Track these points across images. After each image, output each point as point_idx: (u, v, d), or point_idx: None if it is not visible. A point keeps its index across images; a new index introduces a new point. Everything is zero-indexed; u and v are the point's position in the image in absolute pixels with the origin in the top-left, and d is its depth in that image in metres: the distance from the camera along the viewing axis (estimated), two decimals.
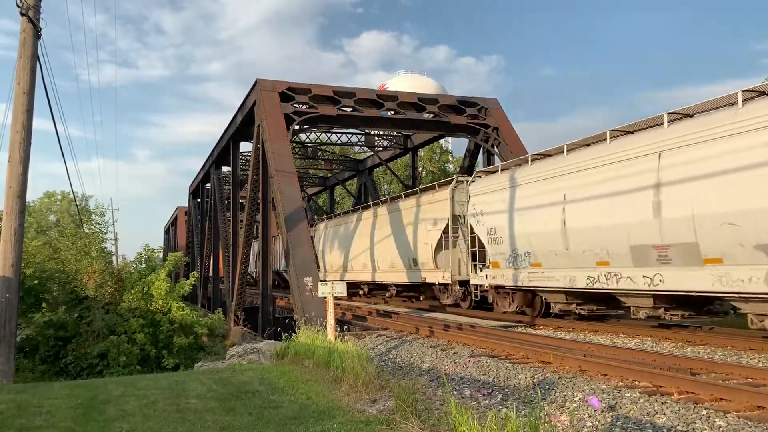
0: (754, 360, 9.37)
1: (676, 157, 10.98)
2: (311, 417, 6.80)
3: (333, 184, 42.79)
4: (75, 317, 19.29)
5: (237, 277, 23.78)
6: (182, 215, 54.07)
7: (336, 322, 12.32)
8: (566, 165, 13.94)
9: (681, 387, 7.18)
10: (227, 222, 30.20)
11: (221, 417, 7.01)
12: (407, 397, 6.45)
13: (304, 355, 10.71)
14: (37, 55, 13.19)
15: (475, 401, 7.43)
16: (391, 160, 34.88)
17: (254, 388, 8.74)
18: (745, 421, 5.86)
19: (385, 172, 50.39)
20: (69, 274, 20.25)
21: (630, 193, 11.83)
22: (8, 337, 12.63)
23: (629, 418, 6.31)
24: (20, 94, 12.89)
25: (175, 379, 10.43)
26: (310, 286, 15.70)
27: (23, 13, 12.86)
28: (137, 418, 7.14)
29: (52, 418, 7.24)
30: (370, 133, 30.76)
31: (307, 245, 17.55)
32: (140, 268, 21.69)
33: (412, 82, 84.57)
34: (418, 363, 10.81)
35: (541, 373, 8.68)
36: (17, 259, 12.85)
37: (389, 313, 18.46)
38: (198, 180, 39.21)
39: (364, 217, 26.90)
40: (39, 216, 64.37)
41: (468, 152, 25.78)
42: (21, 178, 12.86)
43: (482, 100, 23.87)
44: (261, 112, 20.34)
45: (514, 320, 16.01)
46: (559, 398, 7.37)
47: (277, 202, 18.46)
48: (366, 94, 22.57)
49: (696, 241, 10.48)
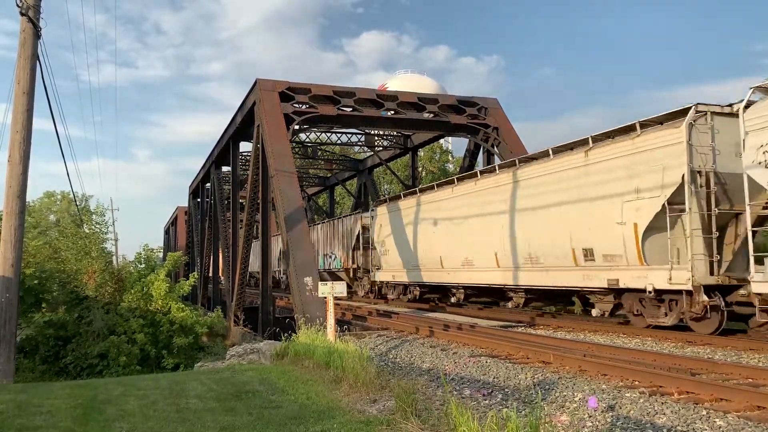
0: (754, 360, 9.36)
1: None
2: (311, 417, 6.80)
3: (333, 184, 42.77)
4: (75, 317, 19.29)
5: (237, 277, 23.78)
6: (182, 215, 54.06)
7: (336, 322, 12.32)
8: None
9: (681, 387, 7.18)
10: (227, 222, 30.21)
11: (221, 417, 7.01)
12: (407, 397, 6.45)
13: (304, 355, 10.71)
14: (37, 55, 13.19)
15: (475, 401, 7.44)
16: (391, 160, 34.87)
17: (254, 388, 8.73)
18: (745, 421, 5.85)
19: (385, 172, 50.37)
20: (69, 274, 20.26)
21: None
22: (8, 337, 12.62)
23: (629, 418, 6.31)
24: (20, 94, 12.89)
25: (175, 379, 10.43)
26: (310, 286, 15.70)
27: (23, 13, 12.85)
28: (137, 418, 7.14)
29: (52, 418, 7.24)
30: (370, 133, 30.75)
31: (307, 245, 17.55)
32: (140, 268, 21.69)
33: (412, 82, 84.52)
34: (418, 363, 10.81)
35: (541, 373, 8.67)
36: (17, 259, 12.84)
37: (389, 313, 18.46)
38: (198, 180, 39.22)
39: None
40: (39, 216, 64.36)
41: (468, 152, 25.77)
42: (21, 178, 12.85)
43: (482, 100, 23.87)
44: (261, 112, 20.34)
45: (514, 320, 16.01)
46: (559, 398, 7.37)
47: (277, 202, 18.45)
48: (366, 94, 22.58)
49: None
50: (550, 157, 14.78)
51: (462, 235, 18.40)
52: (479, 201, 17.64)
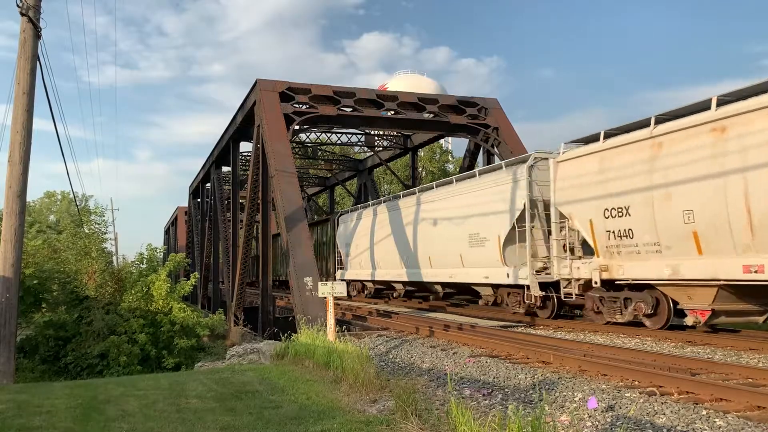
0: (754, 360, 9.36)
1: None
2: (311, 417, 6.80)
3: (333, 184, 42.78)
4: (75, 317, 19.27)
5: (237, 277, 23.78)
6: (182, 215, 54.10)
7: (336, 322, 12.32)
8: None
9: (681, 387, 7.18)
10: (227, 222, 30.22)
11: (221, 417, 7.00)
12: (407, 397, 6.45)
13: (304, 355, 10.71)
14: (38, 56, 13.19)
15: (475, 401, 7.44)
16: (391, 160, 34.87)
17: (254, 388, 8.73)
18: (745, 421, 5.85)
19: (385, 172, 50.40)
20: (69, 274, 20.24)
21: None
22: (8, 337, 12.63)
23: (629, 418, 6.31)
24: (20, 95, 12.90)
25: (176, 379, 10.43)
26: (310, 286, 15.70)
27: (23, 13, 12.86)
28: (137, 418, 7.14)
29: (52, 418, 7.23)
30: (370, 133, 30.75)
31: (307, 245, 17.55)
32: (141, 267, 21.66)
33: (412, 83, 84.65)
34: (418, 363, 10.81)
35: (541, 373, 8.68)
36: (17, 259, 12.85)
37: (389, 313, 18.45)
38: (198, 180, 39.23)
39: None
40: (38, 216, 64.35)
41: (468, 152, 25.77)
42: (21, 178, 12.86)
43: (482, 100, 23.86)
44: (261, 112, 20.34)
45: (514, 320, 16.01)
46: (559, 398, 7.37)
47: (277, 202, 18.45)
48: (366, 94, 22.57)
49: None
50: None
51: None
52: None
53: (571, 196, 13.86)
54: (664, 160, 11.27)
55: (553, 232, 14.49)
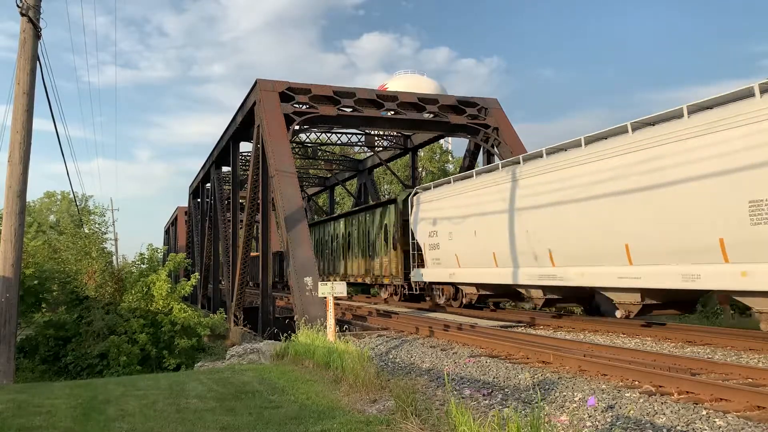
0: (754, 360, 9.36)
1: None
2: (311, 417, 6.80)
3: (333, 184, 42.77)
4: (75, 317, 19.28)
5: (237, 277, 23.77)
6: (182, 215, 54.07)
7: (336, 322, 12.32)
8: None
9: (681, 387, 7.17)
10: (227, 222, 30.20)
11: (221, 417, 7.00)
12: (407, 397, 6.45)
13: (304, 355, 10.72)
14: (38, 56, 13.19)
15: (475, 401, 7.44)
16: (391, 160, 34.86)
17: (254, 388, 8.73)
18: (745, 421, 5.85)
19: (385, 172, 50.38)
20: (69, 274, 20.24)
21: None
22: (8, 337, 12.63)
23: (629, 418, 6.31)
24: (20, 95, 12.90)
25: (176, 380, 10.43)
26: (310, 286, 15.70)
27: (23, 13, 12.86)
28: (137, 418, 7.14)
29: (52, 418, 7.24)
30: (370, 133, 30.75)
31: (306, 245, 17.54)
32: (142, 267, 21.65)
33: (412, 83, 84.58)
34: (418, 363, 10.81)
35: (541, 373, 8.68)
36: (17, 259, 12.85)
37: (389, 313, 18.46)
38: (198, 180, 39.22)
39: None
40: (38, 216, 64.33)
41: (468, 152, 25.76)
42: (21, 178, 12.86)
43: (482, 101, 23.85)
44: (261, 112, 20.34)
45: (514, 320, 16.01)
46: (559, 398, 7.37)
47: (277, 202, 18.45)
48: (366, 95, 22.56)
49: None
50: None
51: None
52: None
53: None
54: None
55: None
